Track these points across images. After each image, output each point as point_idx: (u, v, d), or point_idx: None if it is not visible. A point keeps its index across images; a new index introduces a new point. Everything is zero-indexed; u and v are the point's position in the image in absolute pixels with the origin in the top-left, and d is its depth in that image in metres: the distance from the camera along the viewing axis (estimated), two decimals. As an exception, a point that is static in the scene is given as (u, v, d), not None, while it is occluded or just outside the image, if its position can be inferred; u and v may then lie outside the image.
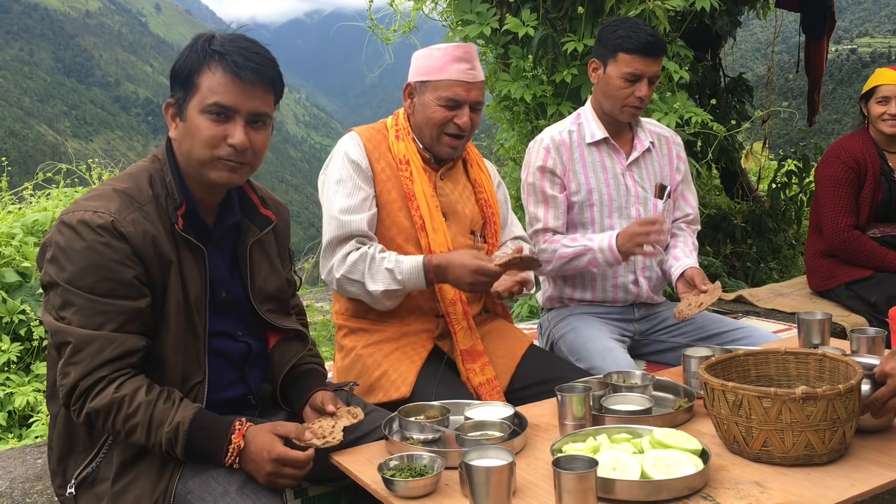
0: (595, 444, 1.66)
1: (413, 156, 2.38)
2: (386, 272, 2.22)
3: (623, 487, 1.49)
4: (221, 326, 1.85)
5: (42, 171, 5.39)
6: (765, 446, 1.62)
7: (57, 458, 1.79)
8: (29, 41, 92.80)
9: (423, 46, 2.44)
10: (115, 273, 1.64)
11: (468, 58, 2.32)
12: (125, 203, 1.69)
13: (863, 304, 3.67)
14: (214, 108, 1.69)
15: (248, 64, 1.69)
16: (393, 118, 2.47)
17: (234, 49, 1.70)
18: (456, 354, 2.34)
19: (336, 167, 2.37)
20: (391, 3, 4.77)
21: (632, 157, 2.77)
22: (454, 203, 2.44)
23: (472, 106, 2.34)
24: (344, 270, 2.25)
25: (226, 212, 1.86)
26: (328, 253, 2.31)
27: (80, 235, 1.64)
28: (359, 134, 2.41)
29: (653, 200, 2.78)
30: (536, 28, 4.18)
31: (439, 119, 2.32)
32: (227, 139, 1.70)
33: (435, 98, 2.31)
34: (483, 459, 1.51)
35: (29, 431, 3.62)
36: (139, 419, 1.63)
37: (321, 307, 6.66)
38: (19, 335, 4.01)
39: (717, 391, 1.67)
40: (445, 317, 2.37)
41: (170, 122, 1.76)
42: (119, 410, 1.63)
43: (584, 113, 2.82)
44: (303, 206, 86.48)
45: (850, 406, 1.62)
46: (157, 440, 1.64)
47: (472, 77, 2.32)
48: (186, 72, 1.71)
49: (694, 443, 1.63)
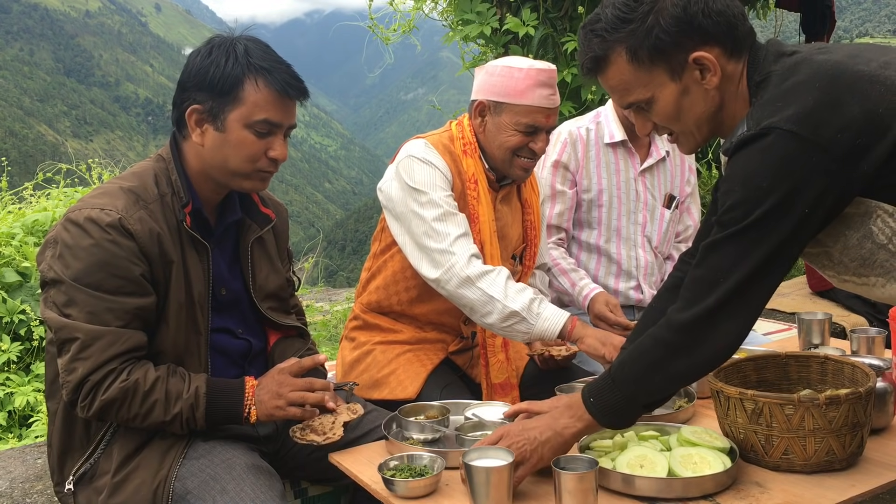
0: (622, 440, 1.67)
1: (480, 175, 2.26)
2: (530, 301, 2.05)
3: (650, 484, 1.49)
4: (222, 324, 1.86)
5: (42, 171, 5.39)
6: (785, 454, 1.58)
7: (56, 455, 1.80)
8: (29, 41, 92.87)
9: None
10: (123, 270, 1.65)
11: (551, 82, 2.19)
12: (132, 201, 1.70)
13: (863, 304, 3.67)
14: (264, 125, 1.72)
15: (293, 82, 1.74)
16: (458, 128, 2.31)
17: (275, 66, 1.73)
18: (484, 385, 2.29)
19: (426, 171, 2.18)
20: (391, 2, 4.77)
21: (646, 164, 2.76)
22: (506, 227, 2.36)
23: (549, 131, 2.25)
24: (474, 274, 2.06)
25: (226, 210, 1.88)
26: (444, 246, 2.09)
27: (87, 233, 1.64)
28: (433, 144, 2.25)
29: (660, 209, 2.78)
30: (536, 28, 4.19)
31: (514, 144, 2.20)
32: (268, 153, 1.75)
33: (513, 123, 2.19)
34: (483, 459, 1.51)
35: (29, 431, 3.62)
36: (157, 395, 1.66)
37: (321, 307, 6.66)
38: (19, 335, 4.00)
39: (733, 399, 1.62)
40: (480, 347, 2.29)
41: (194, 127, 1.74)
42: (136, 394, 1.65)
43: (605, 112, 2.79)
44: (303, 207, 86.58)
45: (868, 408, 1.61)
46: (176, 412, 1.67)
47: (553, 103, 2.20)
48: (227, 82, 1.70)
49: (722, 441, 1.63)
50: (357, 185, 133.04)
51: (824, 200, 1.36)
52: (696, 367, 1.47)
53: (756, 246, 1.38)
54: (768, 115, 1.37)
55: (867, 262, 1.44)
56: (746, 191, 1.37)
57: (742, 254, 1.39)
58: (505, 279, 2.08)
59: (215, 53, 1.72)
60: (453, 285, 2.08)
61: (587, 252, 2.78)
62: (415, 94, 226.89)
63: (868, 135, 1.33)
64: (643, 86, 1.50)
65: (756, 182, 1.36)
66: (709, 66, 1.46)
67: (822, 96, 1.34)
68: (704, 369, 1.49)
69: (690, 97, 1.49)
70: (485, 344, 2.28)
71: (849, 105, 1.33)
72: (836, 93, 1.35)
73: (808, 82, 1.37)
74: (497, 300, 2.04)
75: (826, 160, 1.33)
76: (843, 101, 1.34)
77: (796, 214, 1.35)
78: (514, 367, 2.31)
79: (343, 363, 2.38)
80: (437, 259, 2.11)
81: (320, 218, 68.78)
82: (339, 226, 66.99)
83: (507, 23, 4.18)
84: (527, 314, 2.04)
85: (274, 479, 1.72)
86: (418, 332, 2.33)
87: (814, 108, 1.34)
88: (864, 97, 1.34)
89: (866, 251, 1.43)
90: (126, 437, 1.73)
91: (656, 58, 1.47)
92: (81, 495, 1.74)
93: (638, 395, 1.50)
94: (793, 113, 1.34)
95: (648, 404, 1.52)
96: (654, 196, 2.78)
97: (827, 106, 1.34)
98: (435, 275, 2.10)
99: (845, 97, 1.34)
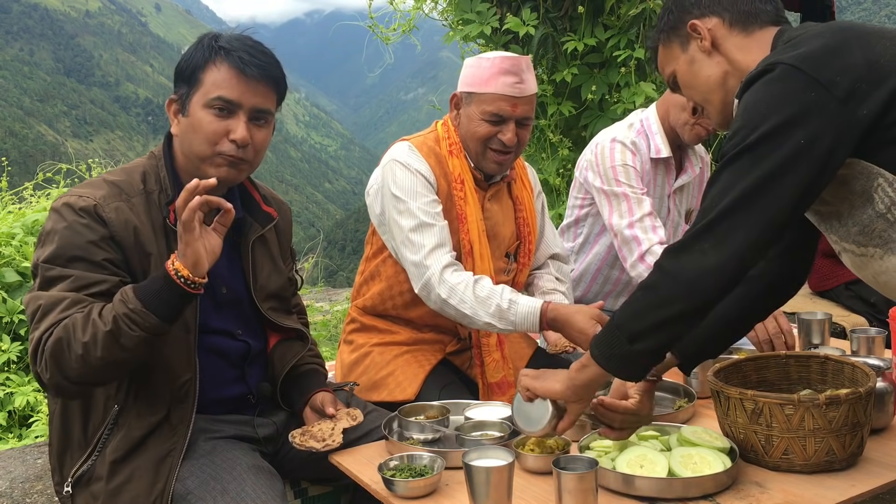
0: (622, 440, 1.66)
1: (466, 175, 2.25)
2: (498, 309, 2.04)
3: (650, 484, 1.49)
4: (221, 324, 1.84)
5: (42, 171, 5.39)
6: (785, 454, 1.58)
7: (55, 455, 1.79)
8: (29, 41, 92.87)
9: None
10: (89, 253, 1.63)
11: (516, 70, 2.16)
12: (112, 192, 1.71)
13: (863, 304, 3.67)
14: (218, 101, 1.70)
15: (253, 60, 1.72)
16: (444, 128, 2.30)
17: (240, 46, 1.73)
18: (480, 385, 2.29)
19: (407, 178, 2.18)
20: (391, 2, 4.77)
21: (680, 182, 2.71)
22: (496, 225, 2.34)
23: (519, 121, 2.19)
24: (445, 294, 2.07)
25: None
26: (419, 259, 2.11)
27: (62, 216, 1.65)
28: (416, 147, 2.24)
29: (683, 226, 2.75)
30: (537, 27, 4.19)
31: (482, 134, 2.19)
32: (228, 135, 1.71)
33: (479, 112, 2.18)
34: (483, 459, 1.51)
35: (29, 431, 3.62)
36: (92, 316, 1.55)
37: (321, 307, 6.67)
38: (19, 335, 4.00)
39: (733, 399, 1.63)
40: (475, 347, 2.28)
41: (172, 118, 1.78)
42: (75, 327, 1.55)
43: (649, 124, 2.65)
44: (303, 207, 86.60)
45: (868, 408, 1.61)
46: (112, 315, 1.55)
47: (518, 91, 2.16)
48: (191, 68, 1.73)
49: (722, 441, 1.63)
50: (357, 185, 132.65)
51: (822, 138, 1.35)
52: (680, 298, 1.39)
53: (749, 169, 1.37)
54: (776, 56, 1.43)
55: (866, 231, 1.45)
56: (746, 118, 1.40)
57: (735, 178, 1.38)
58: (472, 292, 2.05)
59: (194, 46, 1.74)
60: (433, 302, 2.12)
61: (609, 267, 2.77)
62: (415, 94, 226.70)
63: (868, 81, 1.37)
64: (668, 62, 1.71)
65: (756, 109, 1.39)
66: (701, 32, 1.62)
67: (829, 42, 1.42)
68: (690, 301, 1.39)
69: (697, 64, 1.65)
70: (479, 343, 2.27)
71: (852, 51, 1.40)
72: (843, 40, 1.42)
73: (819, 33, 1.46)
74: (470, 317, 2.06)
75: (826, 97, 1.35)
76: (847, 46, 1.41)
77: (792, 143, 1.35)
78: (510, 366, 2.30)
79: (342, 366, 2.38)
80: (413, 272, 2.14)
81: (320, 218, 68.87)
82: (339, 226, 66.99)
83: (508, 22, 4.18)
84: (500, 322, 2.04)
85: (274, 479, 1.72)
86: (415, 334, 2.33)
87: (819, 50, 1.40)
88: (867, 47, 1.41)
89: (867, 217, 1.44)
90: (119, 438, 1.70)
91: (671, 34, 1.68)
92: (79, 498, 1.73)
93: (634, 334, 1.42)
94: (799, 53, 1.40)
95: (652, 349, 1.44)
96: (680, 213, 2.75)
97: (832, 49, 1.40)
98: (416, 289, 2.13)
99: (851, 44, 1.41)
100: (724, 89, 1.61)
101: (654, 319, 1.41)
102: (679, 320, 1.41)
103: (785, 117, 1.36)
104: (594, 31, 4.20)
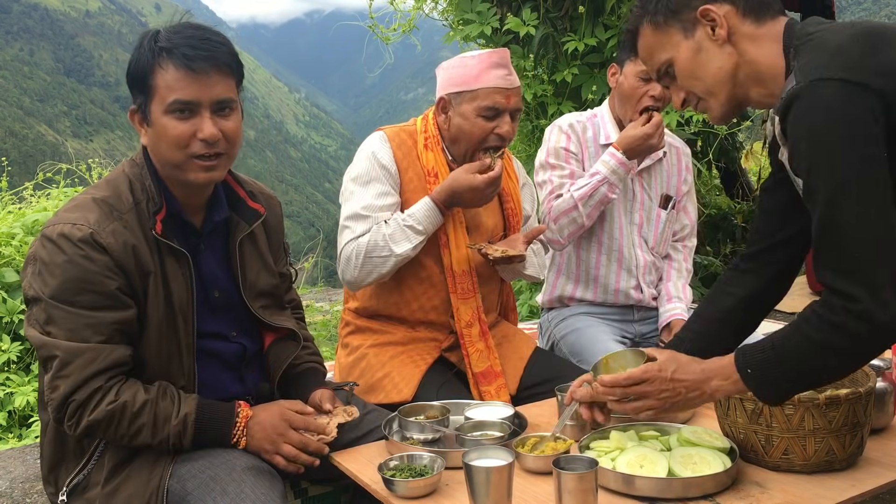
0: (622, 440, 1.66)
1: (441, 168, 2.27)
2: (406, 229, 2.15)
3: (650, 484, 1.49)
4: (215, 327, 1.83)
5: (42, 171, 5.39)
6: (785, 454, 1.58)
7: (48, 466, 1.78)
8: (29, 41, 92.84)
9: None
10: (97, 286, 1.62)
11: (504, 63, 2.21)
12: (105, 213, 1.67)
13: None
14: (176, 105, 1.65)
15: (198, 53, 1.65)
16: (423, 122, 2.34)
17: (181, 41, 1.66)
18: (469, 375, 2.30)
19: (364, 167, 2.26)
20: (391, 2, 4.77)
21: (644, 165, 2.75)
22: (477, 216, 2.35)
23: (512, 113, 2.23)
24: (365, 252, 2.15)
25: (213, 209, 1.83)
26: (344, 243, 2.22)
27: (61, 249, 1.62)
28: (388, 137, 2.30)
29: (657, 210, 2.78)
30: (537, 27, 4.19)
31: (480, 132, 2.21)
32: (196, 134, 1.67)
33: (473, 109, 2.19)
34: (483, 459, 1.51)
35: (29, 431, 3.62)
36: (145, 419, 1.64)
37: (321, 307, 6.66)
38: (19, 335, 4.00)
39: (733, 399, 1.62)
40: (460, 338, 2.30)
41: (138, 128, 1.73)
42: (123, 416, 1.63)
43: (601, 114, 2.78)
44: (303, 206, 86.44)
45: (868, 408, 1.61)
46: (163, 436, 1.65)
47: (510, 83, 2.21)
48: (140, 75, 1.68)
49: (722, 441, 1.63)
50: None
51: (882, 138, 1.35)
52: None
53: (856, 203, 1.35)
54: (816, 69, 1.39)
55: None
56: (816, 153, 1.37)
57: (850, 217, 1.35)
58: (379, 232, 2.15)
59: (136, 49, 1.69)
60: (353, 269, 2.18)
61: (586, 251, 2.77)
62: (415, 94, 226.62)
63: None
64: (662, 48, 1.59)
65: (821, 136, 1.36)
66: (715, 19, 1.52)
67: (862, 47, 1.40)
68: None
69: (704, 53, 1.54)
70: (462, 334, 2.29)
71: (885, 52, 1.39)
72: (873, 42, 1.41)
73: (850, 37, 1.42)
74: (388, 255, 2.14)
75: (872, 99, 1.35)
76: (879, 48, 1.40)
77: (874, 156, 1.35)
78: (495, 356, 2.32)
79: (340, 369, 2.40)
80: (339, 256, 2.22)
81: (320, 218, 68.74)
82: (340, 226, 66.77)
83: (508, 22, 4.18)
84: (414, 236, 2.15)
85: (274, 480, 1.71)
86: (410, 332, 2.34)
87: (858, 56, 1.38)
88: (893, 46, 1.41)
89: None
90: (117, 447, 1.71)
91: (670, 18, 1.56)
92: None
93: (799, 375, 1.44)
94: (839, 63, 1.38)
95: (808, 384, 1.47)
96: (650, 197, 2.77)
97: (867, 54, 1.39)
98: (339, 271, 2.22)
99: (881, 45, 1.40)
100: (734, 83, 1.54)
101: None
102: None
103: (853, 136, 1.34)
104: (594, 31, 4.20)
